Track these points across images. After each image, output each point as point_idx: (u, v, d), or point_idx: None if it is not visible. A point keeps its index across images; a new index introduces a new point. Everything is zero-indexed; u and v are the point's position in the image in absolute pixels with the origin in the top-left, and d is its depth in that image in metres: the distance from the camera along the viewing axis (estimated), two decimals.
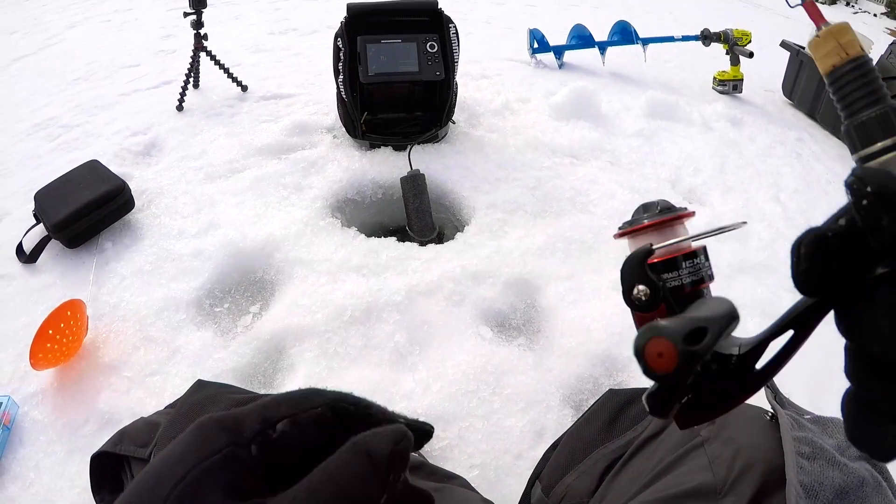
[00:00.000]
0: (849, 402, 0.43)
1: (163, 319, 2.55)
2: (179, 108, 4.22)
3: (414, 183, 3.16)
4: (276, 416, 0.46)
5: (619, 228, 0.79)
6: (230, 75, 4.40)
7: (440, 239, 3.14)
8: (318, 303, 2.57)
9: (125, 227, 3.06)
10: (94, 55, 5.63)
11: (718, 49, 5.69)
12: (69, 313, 2.46)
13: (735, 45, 5.48)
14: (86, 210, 2.89)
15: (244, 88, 4.50)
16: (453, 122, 3.82)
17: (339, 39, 3.41)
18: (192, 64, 4.26)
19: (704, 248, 0.72)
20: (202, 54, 4.26)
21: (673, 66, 6.19)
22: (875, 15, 18.39)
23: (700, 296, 0.67)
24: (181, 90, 4.23)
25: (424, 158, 3.47)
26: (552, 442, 1.60)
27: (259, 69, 4.95)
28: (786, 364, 0.53)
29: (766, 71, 6.38)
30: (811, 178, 4.35)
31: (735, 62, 5.58)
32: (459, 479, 1.48)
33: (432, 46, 3.44)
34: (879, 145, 0.49)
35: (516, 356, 2.42)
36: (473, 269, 2.77)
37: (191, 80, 4.31)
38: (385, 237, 3.02)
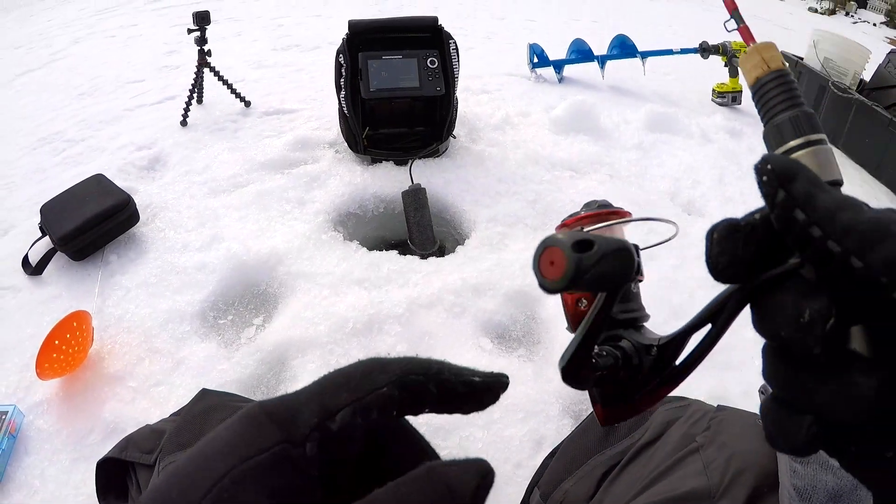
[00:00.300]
0: (765, 403, 0.45)
1: (167, 331, 2.58)
2: (183, 123, 4.27)
3: (415, 197, 3.19)
4: (336, 405, 0.40)
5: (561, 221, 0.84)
6: (233, 91, 4.45)
7: (441, 252, 3.17)
8: (321, 315, 2.60)
9: (130, 240, 3.09)
10: (98, 70, 5.68)
11: (717, 61, 5.73)
12: (75, 324, 2.49)
13: (733, 57, 5.52)
14: (91, 223, 2.93)
15: (247, 104, 4.55)
16: (454, 137, 3.86)
17: (340, 55, 3.45)
18: (195, 80, 4.30)
19: (636, 246, 0.73)
20: (206, 70, 4.30)
21: (672, 79, 6.23)
22: (874, 24, 18.42)
23: (629, 289, 0.71)
24: (185, 105, 4.28)
25: (425, 173, 3.50)
26: (551, 450, 1.62)
27: (262, 85, 5.01)
28: (704, 358, 0.55)
29: None
30: None
31: (734, 74, 5.62)
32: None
33: (433, 62, 3.49)
34: (791, 143, 0.54)
35: (516, 367, 2.45)
36: (474, 281, 2.79)
37: (194, 95, 4.35)
38: (386, 250, 3.05)
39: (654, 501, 1.04)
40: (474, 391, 0.44)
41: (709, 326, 0.52)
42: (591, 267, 0.42)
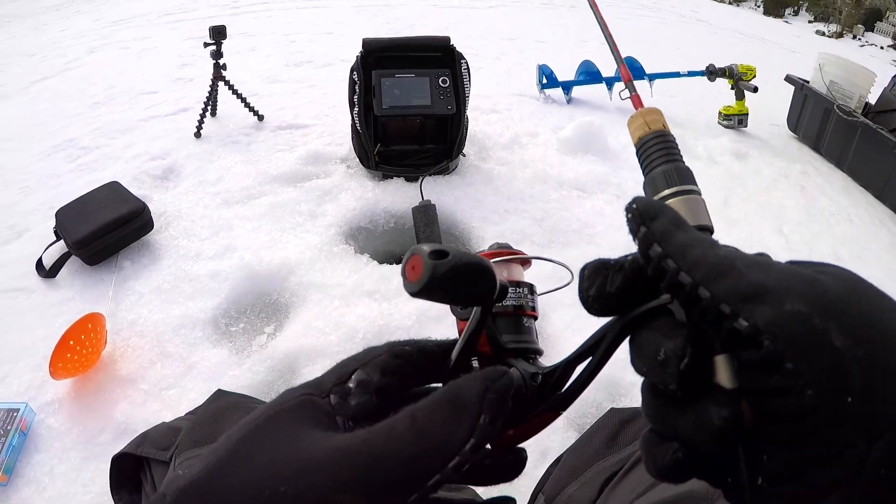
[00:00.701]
0: (643, 434, 0.47)
1: (180, 336, 2.62)
2: (197, 134, 4.31)
3: (425, 213, 3.23)
4: (347, 371, 0.52)
5: None
6: (247, 105, 4.50)
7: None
8: (332, 325, 2.64)
9: (144, 247, 3.14)
10: (113, 81, 5.73)
11: (724, 84, 5.77)
12: (90, 326, 2.53)
13: (740, 80, 5.56)
14: (107, 229, 2.98)
15: (260, 118, 4.60)
16: (464, 155, 3.90)
17: (354, 73, 3.51)
18: (210, 92, 4.36)
19: (531, 286, 0.77)
20: (220, 83, 4.35)
21: (679, 102, 6.28)
22: (882, 47, 18.53)
23: (520, 321, 0.72)
24: (199, 117, 4.33)
25: (436, 189, 3.55)
26: (555, 459, 1.65)
27: (275, 99, 5.05)
28: (586, 387, 0.58)
29: (771, 105, 6.46)
30: (814, 210, 4.43)
31: (740, 97, 5.67)
32: (469, 489, 1.52)
33: (444, 81, 3.54)
34: (663, 192, 0.59)
35: None
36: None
37: (209, 108, 4.40)
38: (396, 264, 3.09)
39: (653, 502, 1.06)
40: (447, 354, 0.56)
41: (590, 358, 0.56)
42: (444, 273, 0.47)
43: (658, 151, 0.67)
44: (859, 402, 0.35)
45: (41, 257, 3.04)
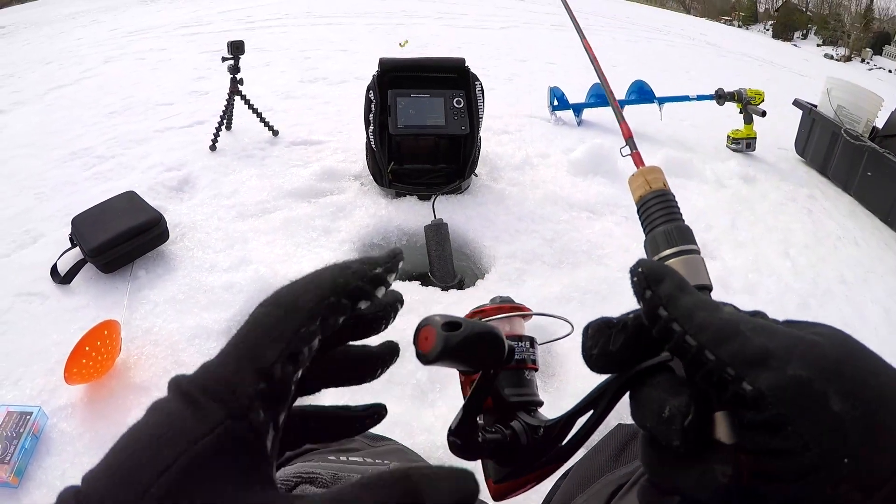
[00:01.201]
0: (641, 485, 0.48)
1: (194, 346, 2.65)
2: (213, 147, 4.36)
3: (437, 231, 3.26)
4: (267, 362, 0.40)
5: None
6: (262, 119, 4.55)
7: (461, 285, 3.24)
8: None
9: (159, 257, 3.18)
10: (129, 91, 5.80)
11: (733, 108, 5.81)
12: (105, 332, 2.57)
13: (748, 104, 5.59)
14: (123, 237, 3.02)
15: (275, 133, 4.65)
16: (476, 175, 3.94)
17: (370, 92, 3.56)
18: (226, 106, 4.41)
19: (532, 339, 0.81)
20: (237, 98, 4.40)
21: (688, 125, 6.32)
22: (890, 71, 18.53)
23: (521, 374, 0.76)
24: (215, 131, 4.38)
25: (448, 208, 3.58)
26: (563, 473, 1.66)
27: (289, 115, 5.11)
28: (588, 438, 0.59)
29: (779, 129, 6.49)
30: (822, 233, 4.45)
31: (748, 121, 5.70)
32: (483, 502, 1.52)
33: (459, 102, 3.58)
34: (664, 252, 0.62)
35: None
36: None
37: (224, 121, 4.45)
38: (408, 281, 3.13)
39: None
40: (380, 282, 0.49)
41: (591, 411, 0.56)
42: (457, 344, 0.48)
43: (659, 210, 0.70)
44: (856, 460, 0.36)
45: (56, 263, 3.08)
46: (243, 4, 11.22)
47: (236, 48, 4.15)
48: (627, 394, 0.50)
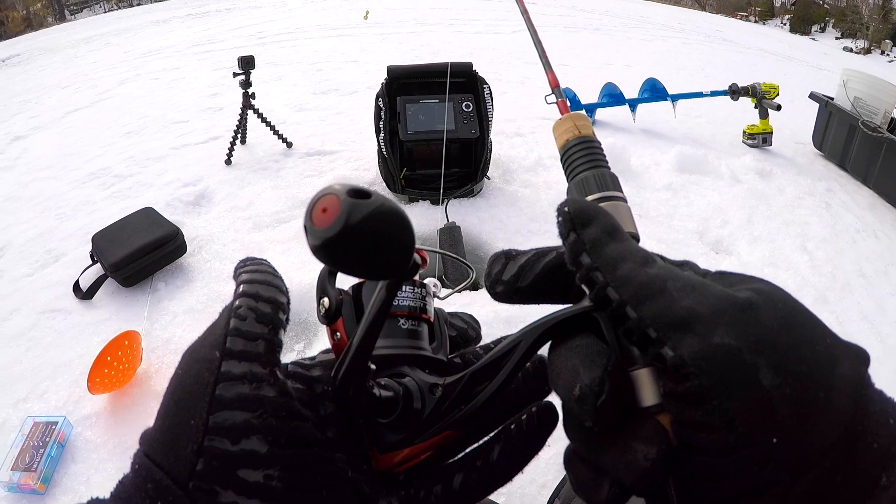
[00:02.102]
0: (567, 453, 0.43)
1: None
2: (228, 162, 4.43)
3: (450, 234, 3.29)
4: (196, 434, 0.40)
5: None
6: (276, 132, 4.60)
7: (474, 287, 3.25)
8: None
9: (178, 269, 3.23)
10: (144, 111, 5.88)
11: (749, 104, 5.78)
12: (126, 343, 2.62)
13: (763, 98, 5.57)
14: (142, 252, 3.07)
15: (289, 145, 4.70)
16: (488, 178, 3.97)
17: (379, 99, 3.60)
18: (240, 121, 4.46)
19: (426, 286, 0.65)
20: (250, 112, 4.46)
21: (704, 122, 6.30)
22: None
23: (395, 323, 0.60)
24: (229, 145, 4.44)
25: (460, 212, 3.61)
26: None
27: (303, 127, 5.16)
28: (494, 403, 0.50)
29: (797, 123, 6.46)
30: (840, 227, 4.42)
31: (764, 115, 5.67)
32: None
33: (468, 106, 3.61)
34: (591, 196, 0.57)
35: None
36: (505, 314, 2.87)
37: (238, 135, 4.51)
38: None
39: None
40: None
41: (500, 369, 0.49)
42: (365, 218, 0.35)
43: (586, 156, 0.62)
44: (785, 440, 0.34)
45: (78, 280, 3.14)
46: (254, 20, 11.32)
47: (247, 63, 4.20)
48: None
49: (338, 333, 0.57)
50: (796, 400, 0.34)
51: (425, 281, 0.66)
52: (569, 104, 0.94)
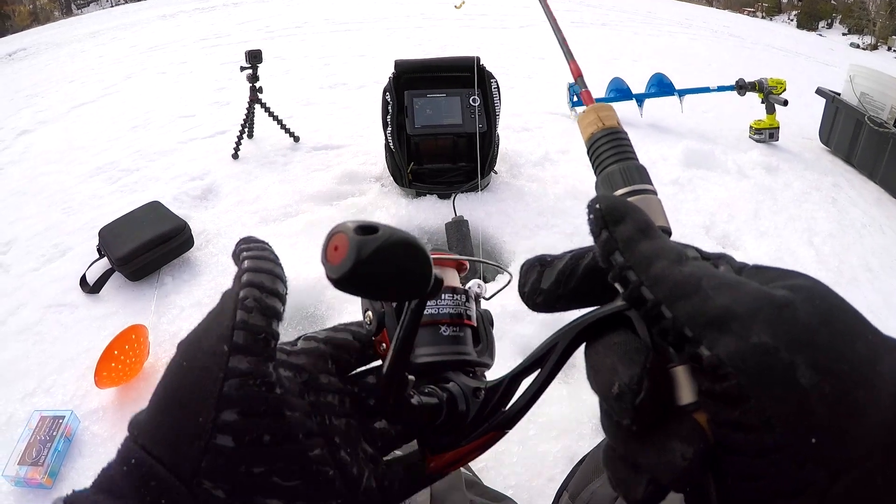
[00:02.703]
0: (605, 450, 0.44)
1: None
2: (235, 156, 4.42)
3: (458, 228, 3.28)
4: (202, 430, 0.41)
5: None
6: (283, 126, 4.60)
7: (483, 280, 3.23)
8: None
9: (185, 263, 3.23)
10: (151, 105, 5.89)
11: (755, 98, 5.77)
12: (133, 337, 2.62)
13: (770, 93, 5.56)
14: (149, 246, 3.07)
15: (296, 139, 4.70)
16: (495, 173, 3.96)
17: (387, 94, 3.59)
18: (247, 115, 4.47)
19: (468, 292, 0.68)
20: (257, 106, 4.46)
21: (711, 117, 6.29)
22: None
23: (436, 330, 0.62)
24: (237, 139, 4.44)
25: (468, 206, 3.59)
26: (580, 458, 1.66)
27: (310, 121, 5.16)
28: (534, 403, 0.52)
29: (804, 118, 6.45)
30: (846, 222, 4.41)
31: (771, 111, 5.66)
32: (511, 500, 1.53)
33: (475, 100, 3.59)
34: (620, 191, 0.55)
35: (552, 388, 2.49)
36: (512, 308, 2.87)
37: (245, 130, 4.51)
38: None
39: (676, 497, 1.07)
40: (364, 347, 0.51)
41: (538, 371, 0.50)
42: (374, 252, 0.38)
43: (613, 149, 0.62)
44: (824, 440, 0.33)
45: (85, 274, 3.14)
46: (262, 15, 11.31)
47: (254, 57, 4.20)
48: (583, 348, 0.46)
49: (383, 345, 0.60)
50: (835, 399, 0.33)
51: (469, 284, 0.70)
52: (593, 96, 0.91)
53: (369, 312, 0.57)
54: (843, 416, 0.33)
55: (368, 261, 0.38)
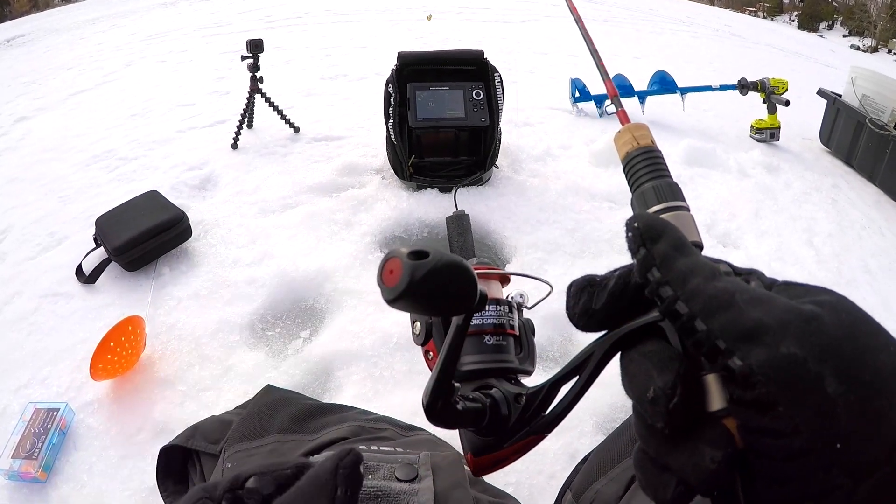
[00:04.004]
0: (636, 452, 0.45)
1: (217, 340, 2.67)
2: (234, 146, 4.39)
3: (458, 223, 3.24)
4: (244, 475, 0.47)
5: None
6: (283, 117, 4.57)
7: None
8: (366, 329, 2.69)
9: (182, 254, 3.20)
10: (150, 93, 5.86)
11: (756, 98, 5.77)
12: (130, 328, 2.60)
13: (772, 93, 5.55)
14: (146, 236, 3.04)
15: (296, 130, 4.67)
16: (497, 167, 3.93)
17: (389, 86, 3.56)
18: (247, 105, 4.44)
19: (510, 303, 0.77)
20: (257, 96, 4.43)
21: (711, 115, 6.27)
22: None
23: (481, 340, 0.72)
24: (236, 129, 4.41)
25: (469, 200, 3.59)
26: (583, 457, 1.66)
27: (310, 112, 5.13)
28: (573, 408, 0.56)
29: (804, 119, 6.43)
30: (846, 223, 4.41)
31: (772, 110, 5.65)
32: (513, 498, 1.53)
33: (478, 94, 3.57)
34: (654, 208, 0.58)
35: None
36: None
37: (245, 120, 4.48)
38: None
39: None
40: None
41: (576, 378, 0.53)
42: (425, 275, 0.44)
43: (647, 167, 0.66)
44: (848, 446, 0.34)
45: (81, 263, 3.11)
46: (263, 4, 11.28)
47: (255, 46, 4.16)
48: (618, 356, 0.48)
49: (430, 353, 0.73)
50: (859, 407, 0.34)
51: (512, 294, 0.81)
52: (628, 115, 0.92)
53: (418, 323, 0.65)
54: (867, 423, 0.35)
55: (420, 283, 0.43)
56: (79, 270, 3.08)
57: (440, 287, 0.45)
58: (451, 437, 2.30)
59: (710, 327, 0.39)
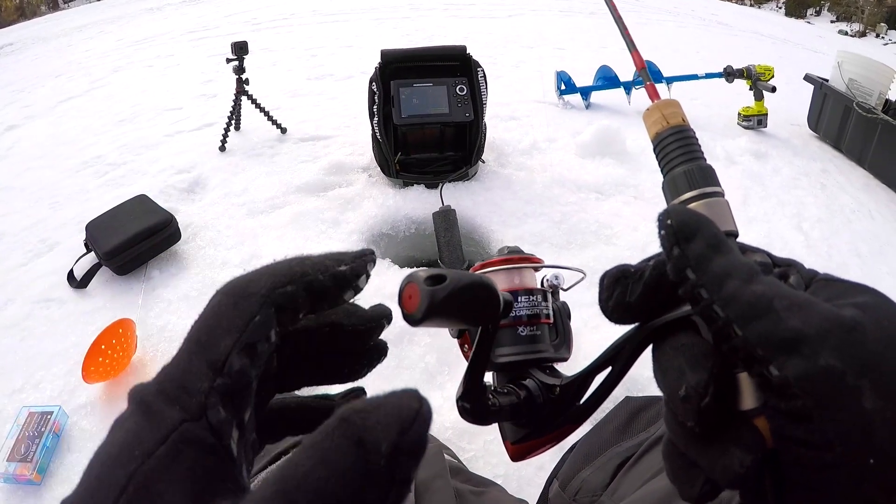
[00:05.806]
0: (666, 444, 0.46)
1: None
2: (222, 148, 4.40)
3: (445, 218, 3.27)
4: (220, 355, 0.38)
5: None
6: (270, 118, 4.58)
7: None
8: None
9: (172, 257, 3.22)
10: (138, 98, 5.86)
11: (743, 85, 5.77)
12: (121, 331, 2.62)
13: (758, 80, 5.55)
14: (135, 240, 3.06)
15: (283, 130, 4.68)
16: (483, 162, 3.95)
17: (373, 84, 3.58)
18: (233, 107, 4.45)
19: (544, 290, 0.78)
20: (243, 98, 4.43)
21: (699, 104, 6.27)
22: None
23: (515, 331, 0.73)
24: (223, 132, 4.42)
25: (455, 195, 3.59)
26: (570, 446, 1.66)
27: (297, 112, 5.13)
28: (607, 397, 0.58)
29: (792, 105, 6.44)
30: (835, 207, 4.42)
31: (759, 97, 5.65)
32: (497, 486, 1.54)
33: (462, 89, 3.59)
34: (684, 195, 0.54)
35: None
36: None
37: (232, 122, 4.49)
38: (417, 268, 3.13)
39: (666, 486, 1.08)
40: (345, 281, 0.45)
41: (609, 368, 0.55)
42: (443, 299, 0.44)
43: (678, 149, 0.63)
44: (882, 462, 0.34)
45: (72, 269, 3.13)
46: (249, 7, 11.26)
47: (240, 49, 4.17)
48: (650, 347, 0.49)
49: (465, 346, 0.76)
50: (895, 423, 0.34)
51: (547, 275, 0.83)
52: (657, 87, 0.90)
53: None
54: None
55: (439, 306, 0.45)
56: (70, 275, 3.10)
57: (460, 308, 0.47)
58: (433, 429, 2.34)
59: (746, 335, 0.39)
